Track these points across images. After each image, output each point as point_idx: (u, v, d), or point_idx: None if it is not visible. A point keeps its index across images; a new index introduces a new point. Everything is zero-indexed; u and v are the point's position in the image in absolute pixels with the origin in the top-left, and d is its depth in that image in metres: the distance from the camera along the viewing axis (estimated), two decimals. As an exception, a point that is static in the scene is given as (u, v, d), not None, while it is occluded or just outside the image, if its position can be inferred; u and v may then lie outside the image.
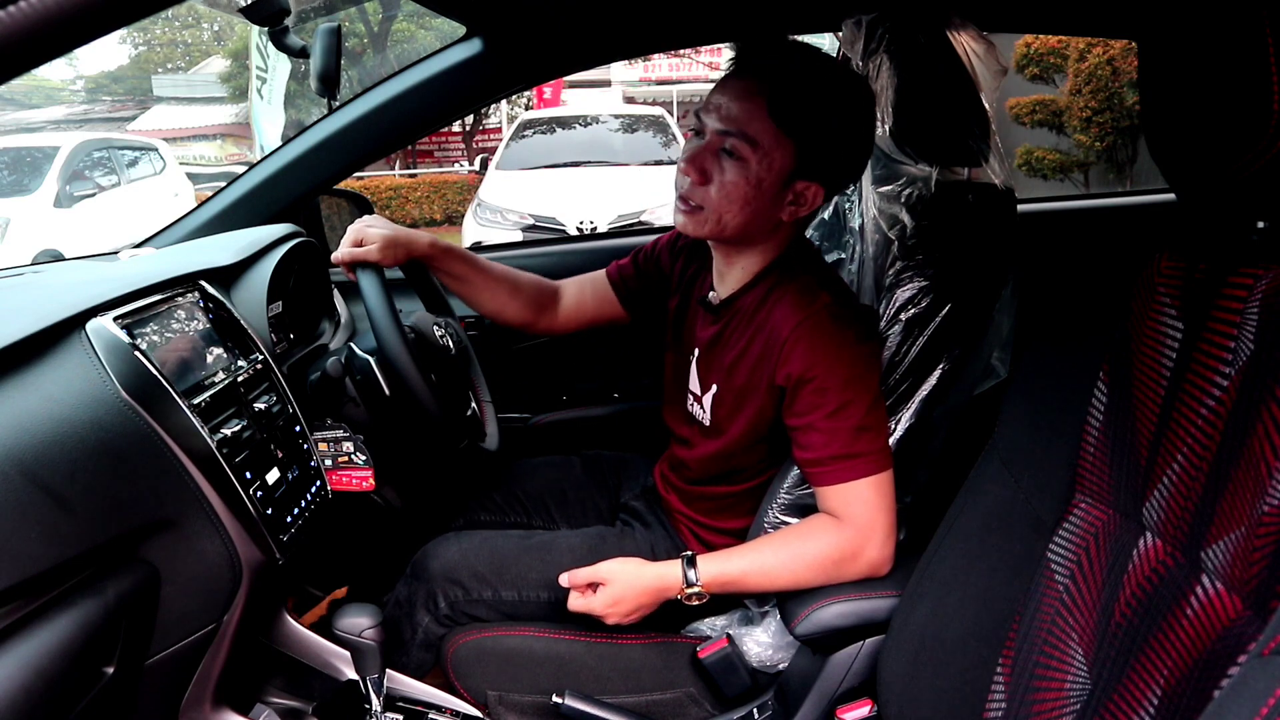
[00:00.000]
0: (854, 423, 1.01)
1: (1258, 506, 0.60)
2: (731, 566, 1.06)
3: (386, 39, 14.16)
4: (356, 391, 1.18)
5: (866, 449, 1.02)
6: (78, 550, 0.74)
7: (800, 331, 1.03)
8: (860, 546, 1.03)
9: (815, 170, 1.04)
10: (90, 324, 0.87)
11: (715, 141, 1.04)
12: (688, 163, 1.06)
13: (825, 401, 1.02)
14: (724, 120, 1.03)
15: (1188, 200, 0.75)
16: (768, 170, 1.03)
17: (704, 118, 1.06)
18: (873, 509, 1.02)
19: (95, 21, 0.41)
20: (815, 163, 1.04)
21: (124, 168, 7.72)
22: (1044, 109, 6.44)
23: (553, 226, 5.70)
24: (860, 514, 1.02)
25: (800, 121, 1.02)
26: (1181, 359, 0.72)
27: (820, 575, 1.04)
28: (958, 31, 1.23)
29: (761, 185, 1.04)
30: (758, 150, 1.02)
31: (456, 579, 1.20)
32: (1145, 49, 0.74)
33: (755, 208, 1.05)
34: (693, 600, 1.06)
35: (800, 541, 1.05)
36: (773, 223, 1.08)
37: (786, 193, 1.05)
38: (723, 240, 1.11)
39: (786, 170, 1.04)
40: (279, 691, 1.21)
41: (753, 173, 1.03)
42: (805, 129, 1.02)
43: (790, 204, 1.06)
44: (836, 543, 1.03)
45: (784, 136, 1.02)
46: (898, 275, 1.18)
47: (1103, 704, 0.71)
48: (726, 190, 1.04)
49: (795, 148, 1.03)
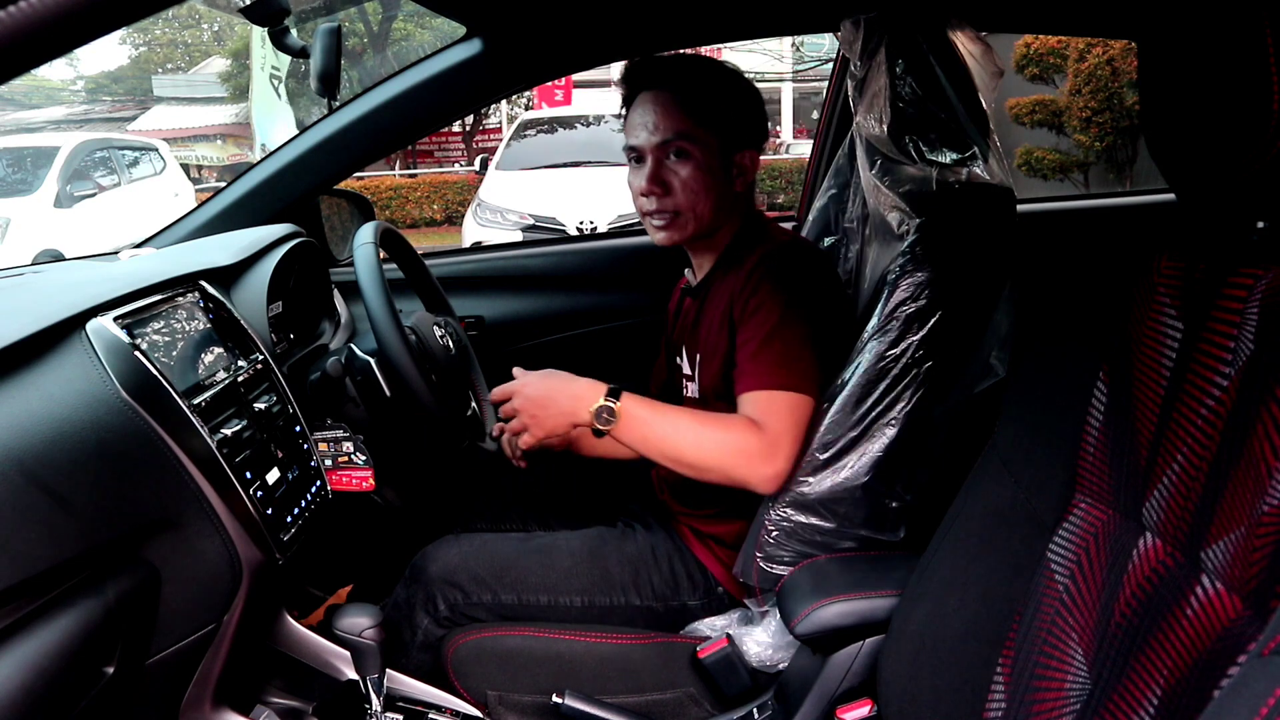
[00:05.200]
0: (785, 347, 1.09)
1: (1258, 506, 0.60)
2: (651, 410, 1.10)
3: (386, 39, 14.17)
4: (356, 392, 1.18)
5: (793, 370, 1.08)
6: (78, 550, 0.74)
7: (759, 269, 1.14)
8: (763, 453, 1.06)
9: (741, 140, 1.21)
10: (90, 324, 0.87)
11: (658, 154, 1.18)
12: (647, 183, 1.18)
13: (762, 325, 1.10)
14: (656, 133, 1.17)
15: (1188, 200, 0.75)
16: (711, 155, 1.18)
17: (637, 143, 1.20)
18: (784, 424, 1.07)
19: (95, 21, 0.41)
20: (739, 136, 1.20)
21: (124, 168, 7.72)
22: (1044, 109, 6.45)
23: (553, 226, 5.71)
24: (775, 426, 1.07)
25: (708, 107, 1.17)
26: (1181, 359, 0.72)
27: (716, 460, 1.07)
28: (956, 32, 1.24)
29: (713, 169, 1.18)
30: (696, 143, 1.17)
31: (456, 582, 1.20)
32: (1145, 49, 0.74)
33: (717, 190, 1.19)
34: (599, 420, 1.08)
35: (715, 424, 1.09)
36: (731, 199, 1.21)
37: (731, 168, 1.20)
38: (701, 234, 1.22)
39: (720, 152, 1.18)
40: (279, 691, 1.21)
41: (702, 162, 1.17)
42: (715, 112, 1.18)
43: (737, 176, 1.21)
44: (744, 439, 1.06)
45: (705, 126, 1.17)
46: (898, 274, 1.18)
47: (1103, 704, 0.71)
48: (690, 186, 1.17)
49: (717, 131, 1.17)
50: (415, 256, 1.41)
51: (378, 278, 1.12)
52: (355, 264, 1.14)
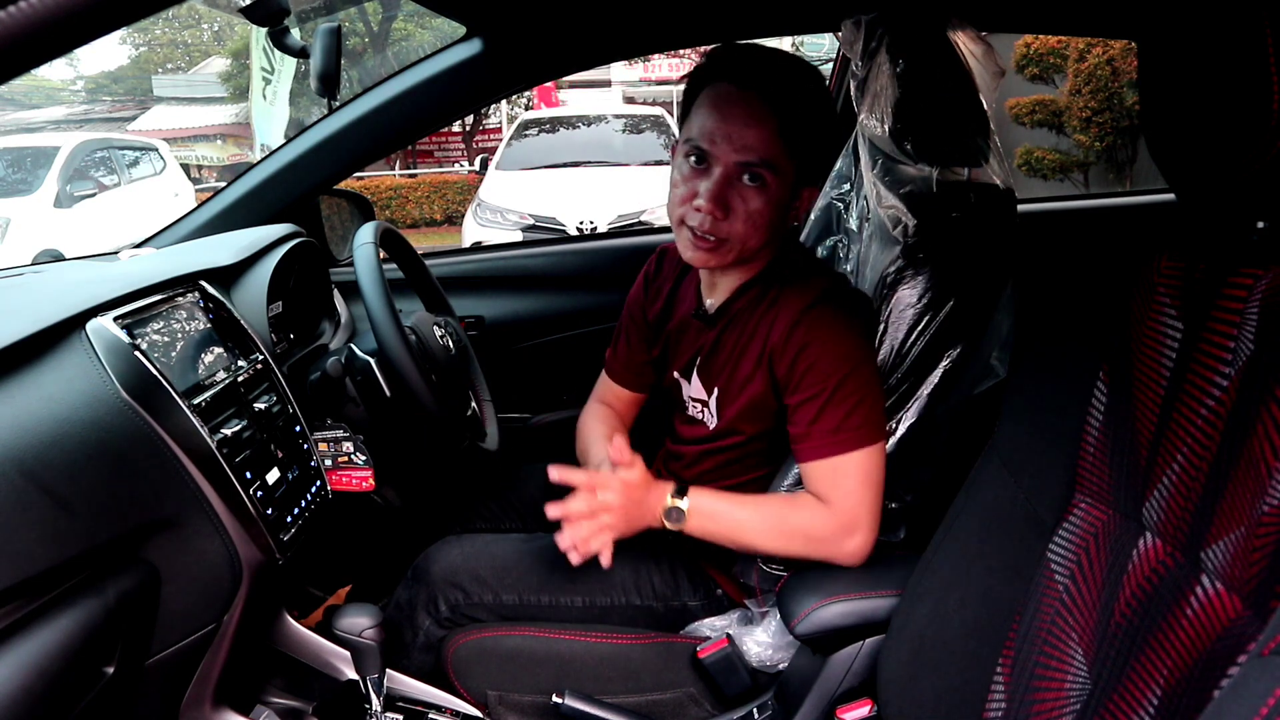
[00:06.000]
0: (844, 404, 1.02)
1: (1258, 506, 0.60)
2: (717, 503, 1.07)
3: (386, 39, 14.16)
4: (357, 392, 1.18)
5: (854, 428, 1.02)
6: (78, 550, 0.74)
7: (803, 321, 1.04)
8: (839, 533, 1.03)
9: (813, 176, 1.10)
10: (90, 324, 0.87)
11: (734, 172, 1.02)
12: (709, 202, 1.02)
13: (815, 386, 1.03)
14: (740, 150, 1.01)
15: (1188, 200, 0.75)
16: (783, 189, 1.04)
17: (712, 148, 1.02)
18: (857, 496, 1.02)
19: (95, 21, 0.41)
20: (814, 170, 1.09)
21: (124, 168, 7.73)
22: (1044, 109, 6.44)
23: (553, 226, 5.71)
24: (845, 500, 1.03)
25: (802, 134, 1.02)
26: (1181, 359, 0.72)
27: (794, 547, 1.05)
28: (956, 32, 1.24)
29: (780, 205, 1.04)
30: (778, 173, 1.02)
31: (457, 582, 1.20)
32: (1145, 49, 0.74)
33: (775, 226, 1.06)
34: (669, 518, 1.06)
35: (785, 508, 1.06)
36: (783, 233, 1.09)
37: (794, 203, 1.07)
38: (737, 263, 1.10)
39: (792, 184, 1.05)
40: (279, 691, 1.21)
41: (774, 196, 1.03)
42: (805, 141, 1.03)
43: (793, 211, 1.08)
44: (815, 522, 1.03)
45: (792, 155, 1.03)
46: (898, 274, 1.18)
47: (1103, 704, 0.71)
48: (753, 219, 1.03)
49: (798, 163, 1.04)
50: (415, 256, 1.41)
51: (378, 278, 1.12)
52: (355, 264, 1.14)
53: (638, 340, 1.32)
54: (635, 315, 1.32)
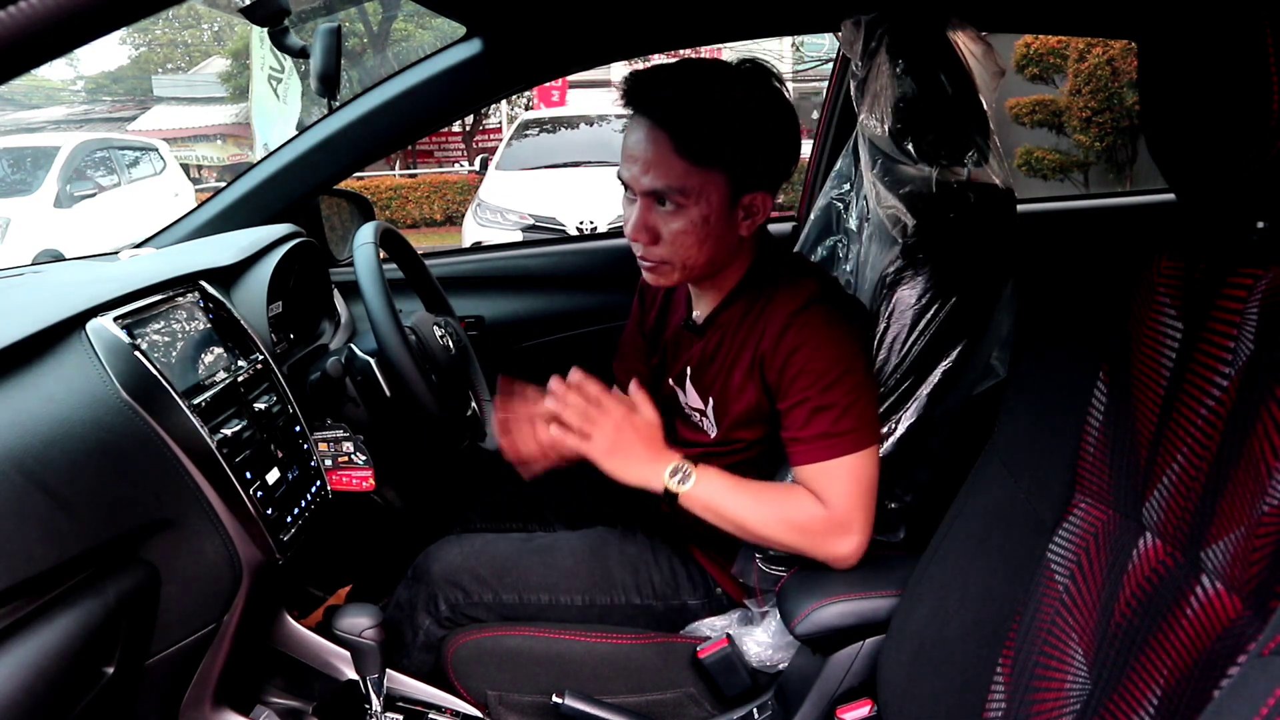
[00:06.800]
0: (835, 408, 1.02)
1: (1258, 506, 0.60)
2: (721, 483, 1.06)
3: (386, 39, 14.16)
4: (356, 392, 1.18)
5: (846, 432, 1.02)
6: (78, 550, 0.74)
7: (793, 325, 1.04)
8: (833, 533, 1.03)
9: (753, 182, 1.02)
10: (90, 324, 0.87)
11: (646, 202, 1.02)
12: (631, 231, 1.04)
13: (806, 391, 1.03)
14: (646, 177, 1.00)
15: (1187, 200, 0.75)
16: (708, 206, 1.01)
17: (628, 179, 1.03)
18: (851, 500, 1.02)
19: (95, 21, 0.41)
20: (749, 176, 1.02)
21: (124, 168, 7.72)
22: (1044, 109, 6.45)
23: (553, 226, 5.71)
24: (838, 503, 1.02)
25: (714, 146, 0.98)
26: (1181, 359, 0.72)
27: (788, 538, 1.05)
28: (957, 32, 1.24)
29: (709, 221, 1.02)
30: (689, 194, 1.00)
31: (457, 582, 1.20)
32: (1145, 49, 0.74)
33: (714, 241, 1.04)
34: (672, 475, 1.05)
35: (783, 498, 1.06)
36: (735, 243, 1.07)
37: (736, 212, 1.04)
38: (697, 279, 1.11)
39: (726, 197, 1.01)
40: (279, 691, 1.21)
41: (695, 215, 1.01)
42: (722, 151, 0.99)
43: (744, 220, 1.05)
44: (810, 519, 1.03)
45: (706, 170, 0.99)
46: (898, 274, 1.18)
47: (1103, 704, 0.71)
48: (679, 240, 1.03)
49: (724, 173, 1.00)
50: (415, 256, 1.41)
51: (378, 278, 1.12)
52: (355, 264, 1.14)
53: (640, 351, 1.34)
54: (634, 327, 1.35)
